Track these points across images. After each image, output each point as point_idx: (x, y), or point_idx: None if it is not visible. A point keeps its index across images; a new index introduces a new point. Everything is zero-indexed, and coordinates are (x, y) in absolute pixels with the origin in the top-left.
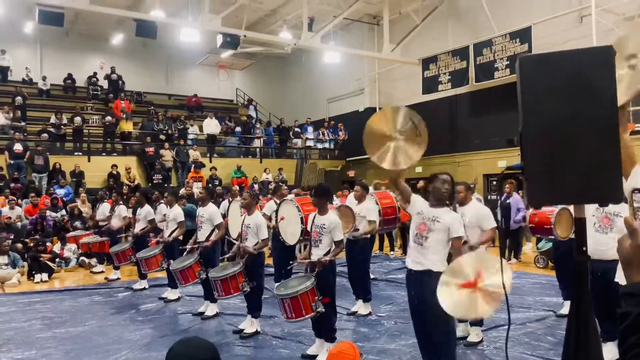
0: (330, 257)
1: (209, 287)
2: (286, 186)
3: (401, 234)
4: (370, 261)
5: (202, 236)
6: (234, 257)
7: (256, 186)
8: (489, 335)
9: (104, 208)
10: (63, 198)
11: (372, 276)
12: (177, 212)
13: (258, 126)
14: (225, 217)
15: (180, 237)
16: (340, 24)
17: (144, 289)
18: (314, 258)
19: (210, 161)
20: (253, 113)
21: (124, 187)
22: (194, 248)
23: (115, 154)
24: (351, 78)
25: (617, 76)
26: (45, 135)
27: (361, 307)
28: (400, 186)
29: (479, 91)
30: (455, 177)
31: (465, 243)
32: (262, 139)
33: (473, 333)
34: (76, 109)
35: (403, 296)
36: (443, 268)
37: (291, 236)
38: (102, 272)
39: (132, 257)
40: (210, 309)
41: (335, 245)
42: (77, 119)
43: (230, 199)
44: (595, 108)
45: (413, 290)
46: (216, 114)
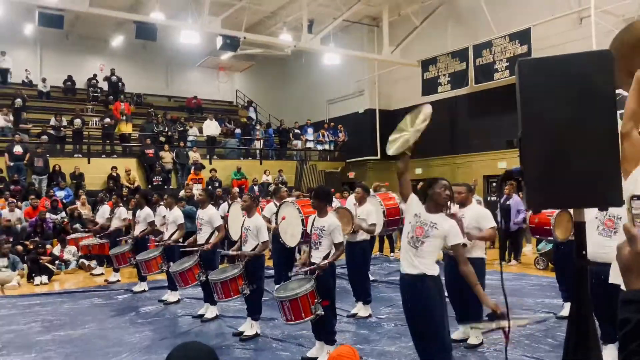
0: (330, 260)
1: (209, 290)
2: (286, 188)
3: (401, 236)
4: (370, 263)
5: (202, 238)
6: (234, 257)
7: (256, 188)
8: (489, 337)
9: (104, 210)
10: (63, 200)
11: (372, 278)
12: (177, 215)
13: (258, 128)
14: (225, 220)
15: (180, 240)
16: (340, 26)
17: (144, 292)
18: (314, 260)
19: (210, 163)
20: (253, 115)
21: (124, 189)
22: (194, 250)
23: (115, 156)
24: (351, 80)
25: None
26: (45, 137)
27: (361, 309)
28: (404, 179)
29: (479, 92)
30: (455, 179)
31: (465, 246)
32: (262, 141)
33: (473, 335)
34: (76, 111)
35: None
36: (437, 272)
37: (291, 238)
38: (102, 275)
39: (132, 260)
40: (210, 312)
41: (335, 247)
42: (77, 121)
43: (229, 201)
44: (594, 112)
45: (407, 294)
46: (216, 116)
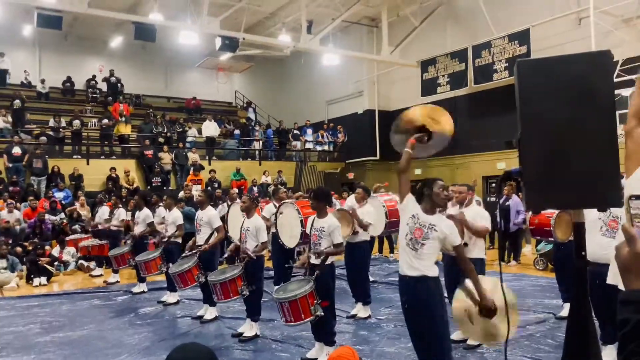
0: (326, 252)
1: (208, 291)
2: (285, 188)
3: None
4: (369, 264)
5: (201, 239)
6: (232, 258)
7: (255, 189)
8: None
9: (103, 211)
10: (62, 201)
11: (372, 279)
12: (176, 216)
13: (257, 129)
14: (224, 221)
15: (179, 240)
16: (339, 27)
17: (143, 293)
18: (313, 261)
19: (209, 164)
20: (252, 115)
21: (123, 190)
22: (194, 252)
23: (114, 157)
24: (350, 80)
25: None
26: (44, 138)
27: (361, 310)
28: (404, 177)
29: (478, 93)
30: (454, 179)
31: (465, 245)
32: (261, 142)
33: None
34: (75, 112)
35: None
36: (436, 272)
37: (290, 239)
38: (101, 276)
39: (131, 261)
40: (209, 313)
41: (334, 247)
42: (76, 122)
43: (228, 202)
44: (593, 112)
45: (405, 295)
46: (215, 117)
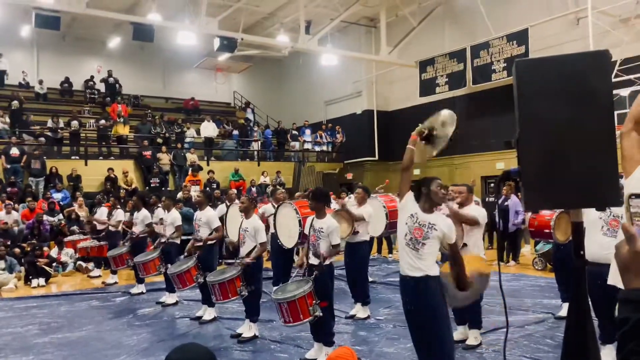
0: (326, 255)
1: (207, 291)
2: (283, 189)
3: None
4: (368, 264)
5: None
6: (231, 256)
7: (254, 189)
8: (488, 338)
9: (102, 212)
10: (60, 202)
11: (371, 279)
12: (175, 216)
13: (256, 129)
14: (222, 221)
15: (178, 241)
16: (337, 27)
17: (142, 294)
18: (312, 262)
19: (207, 164)
20: (250, 116)
21: (122, 191)
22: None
23: (112, 158)
24: (348, 80)
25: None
26: (42, 139)
27: (360, 311)
28: (407, 174)
29: (477, 93)
30: (453, 180)
31: (465, 245)
32: (260, 142)
33: (472, 336)
34: (73, 113)
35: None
36: (437, 271)
37: (289, 239)
38: (100, 277)
39: (130, 261)
40: (208, 313)
41: (332, 248)
42: (74, 123)
43: (227, 203)
44: (591, 112)
45: (409, 296)
46: (213, 117)
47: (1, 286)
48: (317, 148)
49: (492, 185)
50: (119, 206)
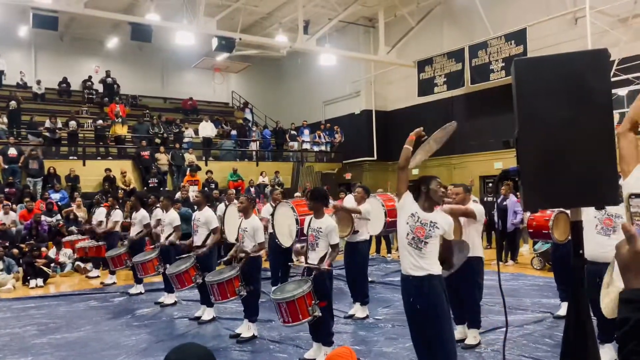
0: (328, 262)
1: (206, 292)
2: (282, 189)
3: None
4: (368, 264)
5: (198, 240)
6: (231, 260)
7: (252, 189)
8: (487, 337)
9: (100, 212)
10: (58, 202)
11: (370, 279)
12: (173, 217)
13: (254, 129)
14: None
15: (176, 242)
16: (335, 27)
17: (140, 294)
18: (311, 262)
19: (206, 164)
20: (249, 116)
21: (120, 191)
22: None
23: (110, 158)
24: (347, 80)
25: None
26: (40, 139)
27: (359, 310)
28: (403, 174)
29: (475, 93)
30: (451, 179)
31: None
32: (258, 142)
33: (471, 335)
34: (71, 113)
35: (400, 299)
36: (440, 270)
37: (286, 238)
38: (98, 277)
39: (128, 262)
40: (206, 314)
41: (331, 248)
42: (72, 123)
43: (226, 203)
44: (590, 111)
45: (412, 295)
46: (212, 117)
47: None
48: (316, 148)
49: (491, 184)
50: (117, 206)
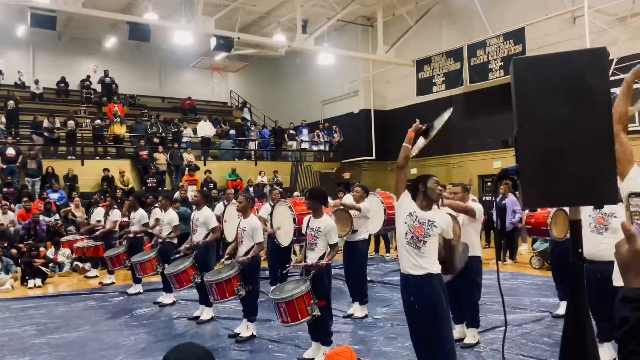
0: (326, 261)
1: (204, 291)
2: (280, 189)
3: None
4: (367, 263)
5: (197, 240)
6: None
7: (251, 189)
8: (486, 336)
9: (98, 212)
10: (56, 202)
11: (369, 278)
12: (172, 216)
13: (253, 128)
14: (220, 221)
15: (175, 241)
16: (334, 26)
17: (139, 294)
18: (310, 261)
19: (204, 164)
20: (247, 115)
21: (118, 191)
22: (189, 252)
23: (108, 158)
24: (345, 80)
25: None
26: (35, 137)
27: (357, 310)
28: (402, 174)
29: (474, 92)
30: (450, 179)
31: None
32: (257, 142)
33: (469, 335)
34: (69, 113)
35: (399, 298)
36: (439, 268)
37: (284, 237)
38: (97, 277)
39: (127, 261)
40: (205, 313)
41: (330, 248)
42: (71, 123)
43: (225, 202)
44: (589, 110)
45: (412, 294)
46: (210, 117)
47: None
48: (315, 147)
49: (489, 184)
50: (116, 206)
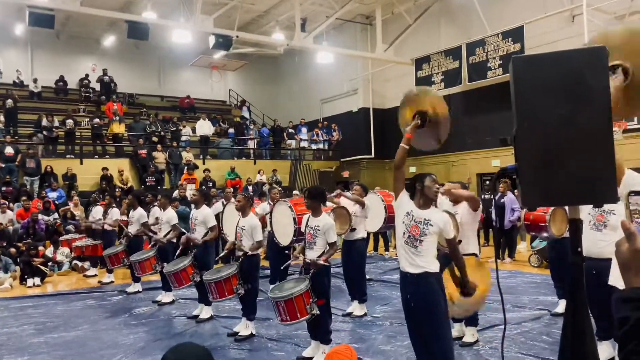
0: (325, 259)
1: (203, 290)
2: (280, 187)
3: (395, 235)
4: (365, 262)
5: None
6: (228, 257)
7: (250, 188)
8: (485, 335)
9: (97, 211)
10: (55, 201)
11: (367, 277)
12: (171, 215)
13: (252, 127)
14: (218, 219)
15: (174, 240)
16: (333, 24)
17: (138, 292)
18: (309, 260)
19: (203, 163)
20: (246, 114)
21: (117, 190)
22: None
23: (107, 157)
24: (344, 78)
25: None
26: (36, 138)
27: (356, 308)
28: (399, 173)
29: (472, 91)
30: (449, 177)
31: (459, 242)
32: (256, 140)
33: (468, 333)
34: (68, 112)
35: (398, 297)
36: (438, 267)
37: (284, 236)
38: (96, 276)
39: (126, 260)
40: (204, 312)
41: (329, 246)
42: (69, 122)
43: (224, 201)
44: (589, 109)
45: (409, 292)
46: (209, 116)
47: None
48: (314, 146)
49: (488, 182)
50: (115, 205)
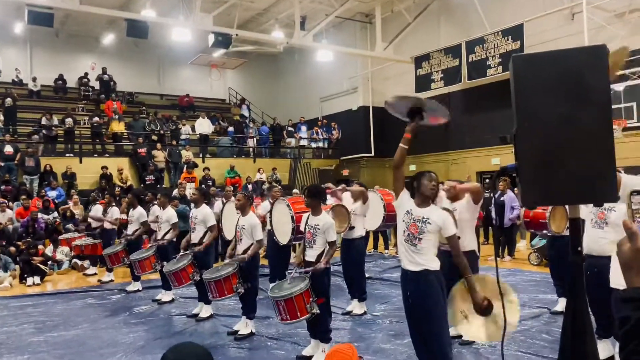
0: (325, 261)
1: (203, 289)
2: (280, 186)
3: (395, 233)
4: (365, 260)
5: (196, 238)
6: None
7: (250, 186)
8: None
9: (96, 210)
10: (55, 200)
11: (367, 275)
12: (170, 214)
13: (251, 126)
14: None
15: (174, 239)
16: (332, 23)
17: (138, 291)
18: (308, 259)
19: (203, 161)
20: (246, 112)
21: (117, 189)
22: (187, 251)
23: (107, 155)
24: (344, 77)
25: None
26: (36, 136)
27: (356, 307)
28: (399, 173)
29: (472, 89)
30: (448, 175)
31: (459, 239)
32: (256, 139)
33: None
34: (67, 110)
35: (398, 295)
36: (438, 265)
37: (283, 235)
38: (95, 275)
39: (126, 259)
40: (204, 311)
41: (328, 245)
42: (69, 120)
43: (223, 200)
44: (588, 108)
45: (409, 289)
46: (208, 114)
47: None
48: (313, 144)
49: (488, 180)
50: (114, 204)
